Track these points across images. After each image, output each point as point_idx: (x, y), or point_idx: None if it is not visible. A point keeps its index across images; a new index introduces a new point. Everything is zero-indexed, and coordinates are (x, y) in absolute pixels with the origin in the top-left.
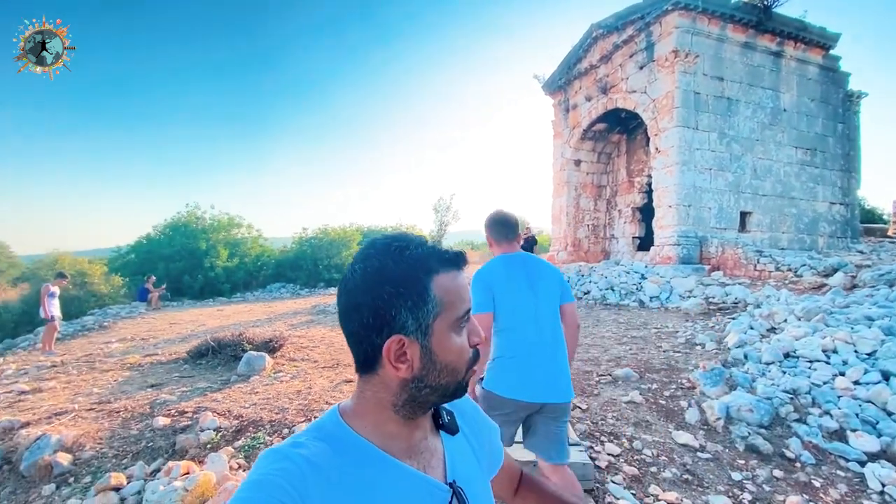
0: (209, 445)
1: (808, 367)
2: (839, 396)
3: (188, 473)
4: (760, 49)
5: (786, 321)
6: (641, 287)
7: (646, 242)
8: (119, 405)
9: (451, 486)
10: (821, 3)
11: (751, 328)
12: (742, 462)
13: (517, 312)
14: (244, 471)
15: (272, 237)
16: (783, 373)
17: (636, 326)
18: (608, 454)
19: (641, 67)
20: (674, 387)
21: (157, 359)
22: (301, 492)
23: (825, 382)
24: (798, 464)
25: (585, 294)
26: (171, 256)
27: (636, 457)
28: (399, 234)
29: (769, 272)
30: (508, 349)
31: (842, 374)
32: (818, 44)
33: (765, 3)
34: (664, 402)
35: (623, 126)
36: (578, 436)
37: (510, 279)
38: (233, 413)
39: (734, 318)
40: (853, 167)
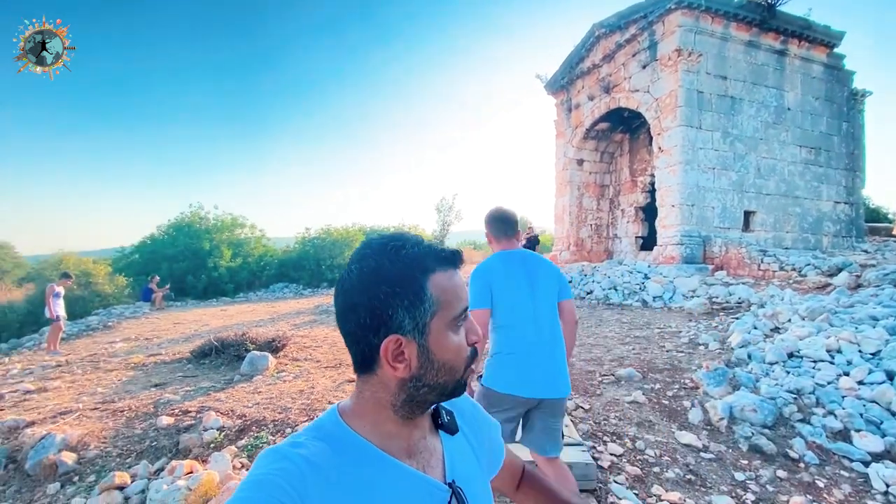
0: (212, 445)
1: (812, 367)
2: (843, 396)
3: (191, 473)
4: (764, 47)
5: (790, 321)
6: (644, 287)
7: (649, 242)
8: (123, 405)
9: (451, 486)
10: (825, 1)
11: (754, 328)
12: (745, 462)
13: (515, 309)
14: (247, 470)
15: (274, 237)
16: (787, 373)
17: (639, 326)
18: (611, 454)
19: (644, 66)
20: (677, 387)
21: (161, 358)
22: (300, 491)
23: (829, 382)
24: (802, 464)
25: (588, 294)
26: (175, 256)
27: (639, 457)
28: (395, 234)
29: (773, 272)
30: (507, 345)
31: (846, 374)
32: (822, 42)
33: (768, 2)
34: (667, 402)
35: (626, 125)
36: (581, 436)
37: (509, 276)
38: (236, 412)
39: (738, 318)
40: (858, 166)
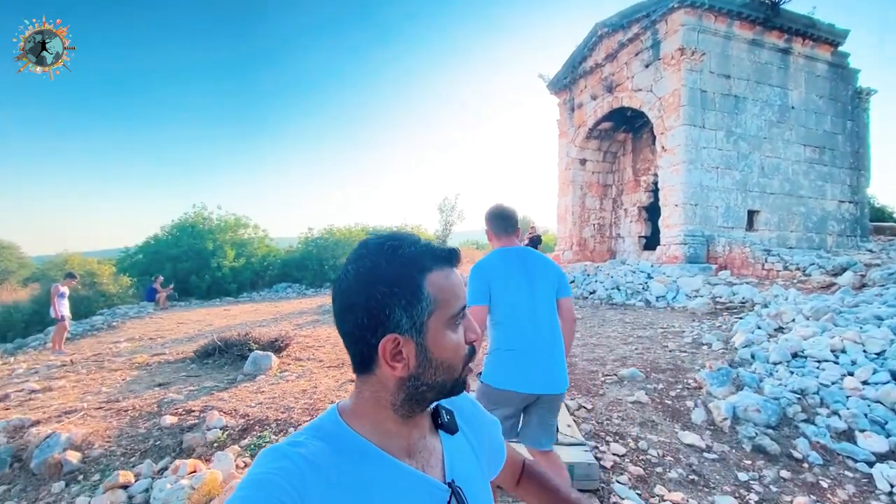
0: (216, 444)
1: (817, 367)
2: (848, 396)
3: (195, 472)
4: (768, 46)
5: (794, 321)
6: (647, 286)
7: (652, 242)
8: (127, 404)
9: (450, 486)
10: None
11: (758, 328)
12: (749, 462)
13: (514, 305)
14: None
15: (277, 237)
16: (791, 373)
17: (642, 326)
18: (613, 454)
19: (647, 66)
20: (680, 387)
21: (165, 358)
22: (300, 490)
23: (833, 382)
24: (805, 464)
25: (591, 294)
26: (179, 257)
27: (642, 457)
28: (392, 234)
29: (777, 271)
30: (506, 342)
31: (850, 374)
32: (827, 40)
33: (772, 0)
34: (670, 402)
35: (629, 125)
36: (584, 436)
37: (507, 272)
38: (239, 412)
39: (741, 318)
40: (862, 165)
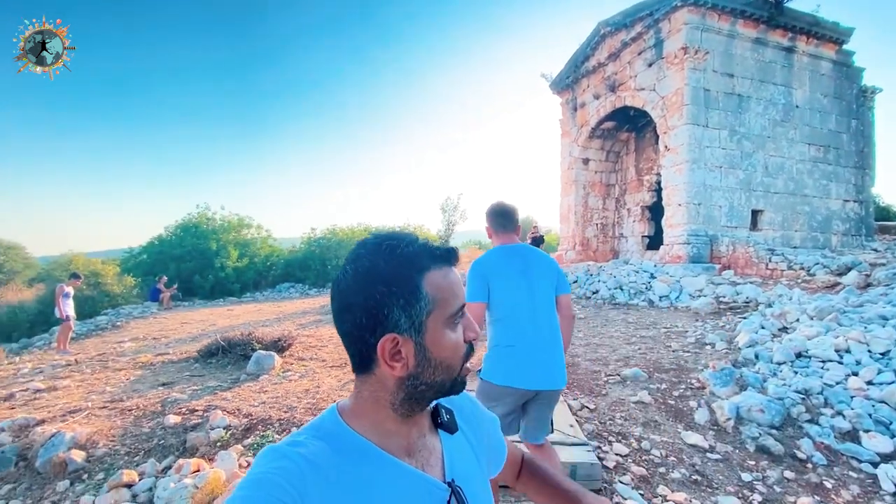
0: (219, 443)
1: (821, 367)
2: (852, 397)
3: (198, 471)
4: (772, 44)
5: (798, 321)
6: (651, 286)
7: (655, 241)
8: (131, 403)
9: (450, 485)
10: None
11: (762, 328)
12: (752, 463)
13: (513, 302)
14: None
15: (279, 237)
16: (795, 373)
17: (645, 326)
18: (616, 454)
19: (650, 65)
20: (683, 387)
21: (169, 358)
22: (300, 490)
23: (838, 382)
24: (809, 465)
25: (594, 293)
26: (182, 257)
27: (644, 457)
28: (390, 233)
29: (781, 271)
30: (505, 338)
31: (855, 374)
32: (831, 39)
33: None
34: (673, 403)
35: (632, 124)
36: (586, 436)
37: (507, 269)
38: (242, 411)
39: (745, 318)
40: (867, 164)
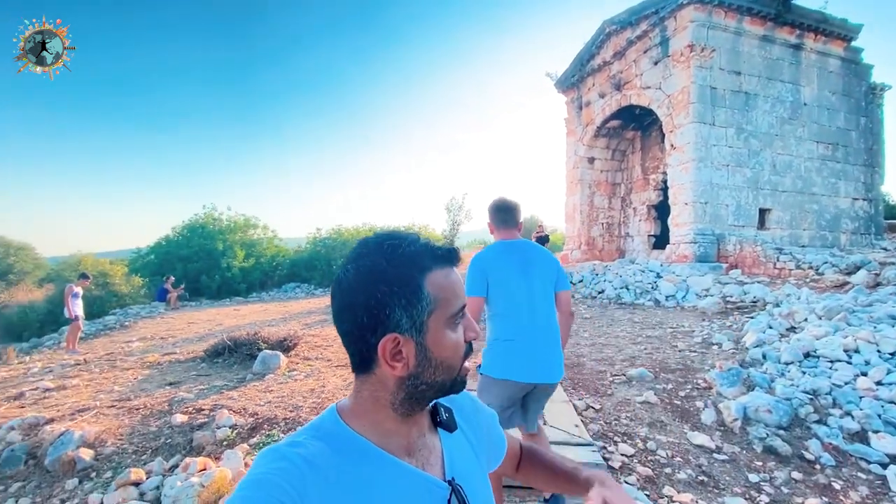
0: (225, 442)
1: (829, 368)
2: (861, 397)
3: (205, 470)
4: (779, 42)
5: (806, 320)
6: (657, 286)
7: (661, 241)
8: (139, 402)
9: (450, 484)
10: None
11: (770, 327)
12: (759, 464)
13: (512, 297)
14: None
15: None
16: (803, 373)
17: (651, 326)
18: (622, 455)
19: (656, 63)
20: (689, 387)
21: (176, 357)
22: (299, 491)
23: (846, 383)
24: (818, 466)
25: (600, 293)
26: (189, 257)
27: (650, 457)
28: (391, 233)
29: (789, 270)
30: (504, 332)
31: (864, 375)
32: (839, 35)
33: None
34: (679, 403)
35: (637, 122)
36: (592, 436)
37: (506, 264)
38: (248, 411)
39: (752, 318)
40: (876, 162)
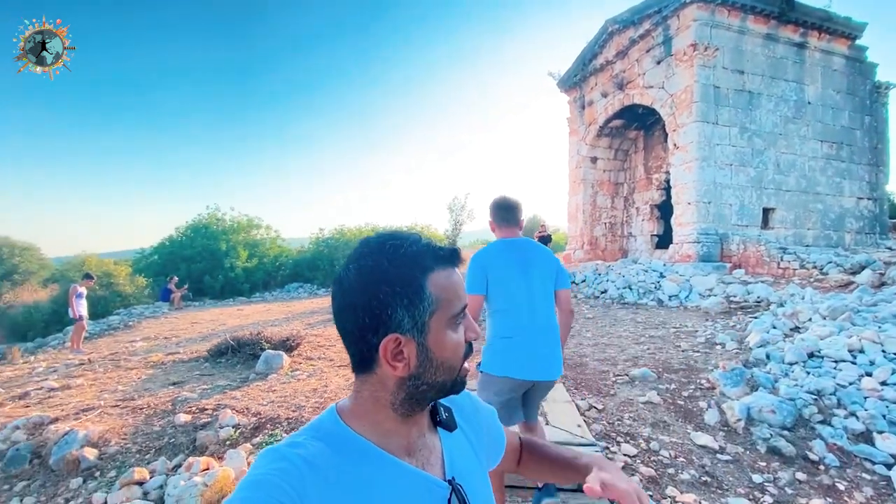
0: (228, 442)
1: (834, 368)
2: (865, 397)
3: (208, 469)
4: (783, 40)
5: (810, 320)
6: (660, 286)
7: (664, 240)
8: (143, 402)
9: (450, 483)
10: None
11: (773, 327)
12: (763, 464)
13: (512, 295)
14: None
15: (288, 238)
16: (807, 373)
17: (654, 325)
18: (624, 455)
19: (659, 62)
20: (693, 387)
21: (179, 357)
22: (299, 491)
23: (851, 383)
24: (822, 466)
25: (603, 293)
26: (193, 257)
27: (653, 458)
28: (393, 233)
29: (793, 270)
30: (503, 330)
31: (868, 375)
32: (843, 34)
33: None
34: (682, 403)
35: (640, 122)
36: (594, 436)
37: (506, 262)
38: (251, 410)
39: (756, 318)
40: (881, 161)
